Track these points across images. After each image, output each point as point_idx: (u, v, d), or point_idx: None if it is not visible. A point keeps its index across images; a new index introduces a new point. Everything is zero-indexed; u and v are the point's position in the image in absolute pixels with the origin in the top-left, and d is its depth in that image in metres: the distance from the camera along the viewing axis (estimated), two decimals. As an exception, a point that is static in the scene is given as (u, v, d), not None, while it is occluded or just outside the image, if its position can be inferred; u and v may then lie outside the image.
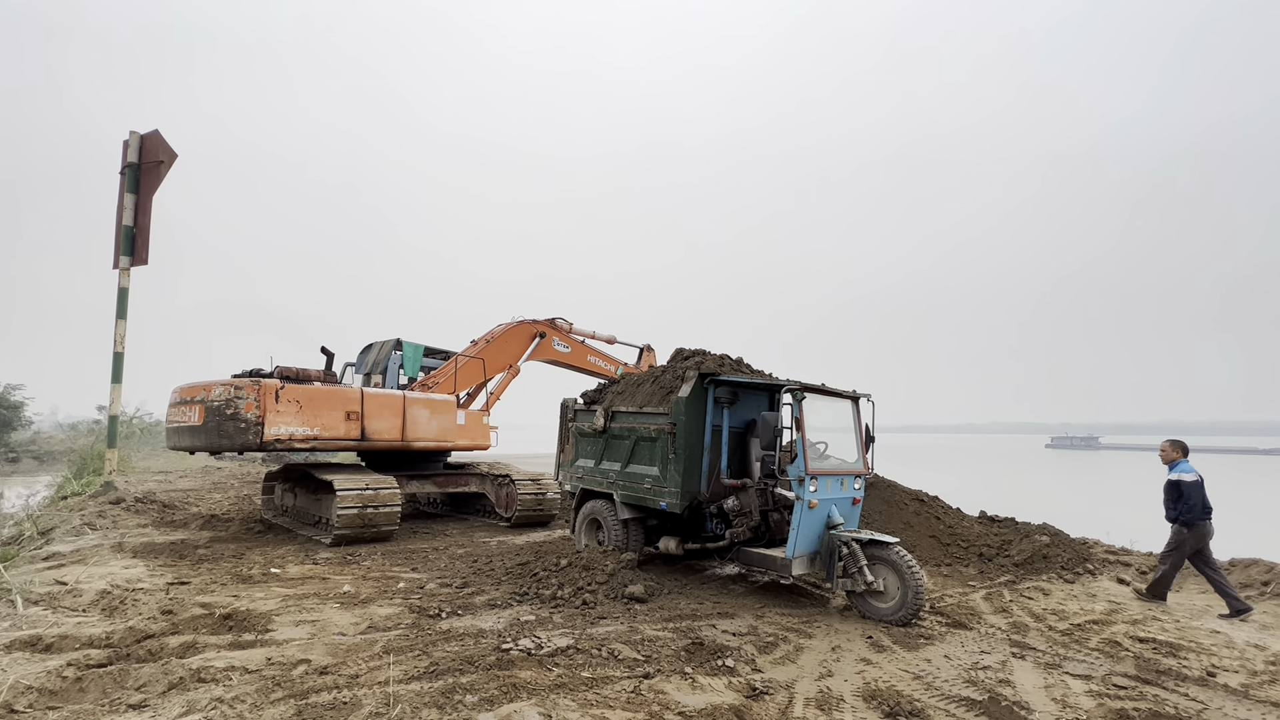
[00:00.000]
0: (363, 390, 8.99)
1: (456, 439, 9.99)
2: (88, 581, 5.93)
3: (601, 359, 12.89)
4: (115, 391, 12.03)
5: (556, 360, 12.48)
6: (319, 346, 9.32)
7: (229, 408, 8.00)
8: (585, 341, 12.77)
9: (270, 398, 8.02)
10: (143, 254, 11.98)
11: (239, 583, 6.24)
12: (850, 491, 6.13)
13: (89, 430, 26.32)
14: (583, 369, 12.70)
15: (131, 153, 12.00)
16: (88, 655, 4.11)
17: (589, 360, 12.73)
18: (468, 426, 10.25)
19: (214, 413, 8.17)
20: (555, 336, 12.31)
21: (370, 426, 8.87)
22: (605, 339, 13.17)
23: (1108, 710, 3.83)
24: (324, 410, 8.51)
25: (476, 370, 11.14)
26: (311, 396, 8.42)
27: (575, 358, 12.65)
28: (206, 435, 8.27)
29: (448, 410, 9.85)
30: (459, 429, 10.00)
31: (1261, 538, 13.28)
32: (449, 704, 3.55)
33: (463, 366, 10.94)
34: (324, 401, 8.52)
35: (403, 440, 9.25)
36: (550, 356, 12.37)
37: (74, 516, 9.55)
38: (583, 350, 12.73)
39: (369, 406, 8.88)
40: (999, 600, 6.28)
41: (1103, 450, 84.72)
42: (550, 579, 6.05)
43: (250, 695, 3.59)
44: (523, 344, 11.93)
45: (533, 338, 12.00)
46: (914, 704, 3.81)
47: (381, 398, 9.17)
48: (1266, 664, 4.74)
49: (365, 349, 11.61)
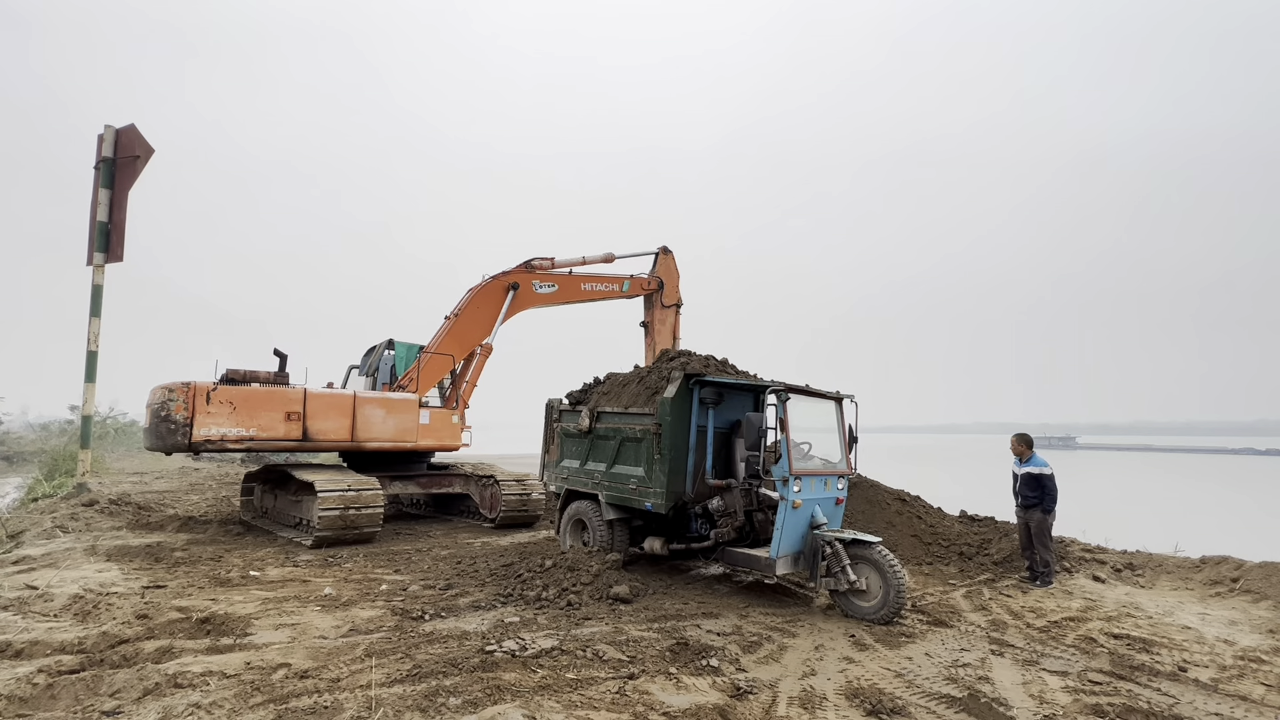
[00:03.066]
0: (305, 390, 9.01)
1: (419, 439, 9.63)
2: (60, 586, 5.80)
3: (599, 282, 11.45)
4: (89, 391, 11.77)
5: (545, 304, 11.20)
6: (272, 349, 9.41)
7: (163, 410, 8.24)
8: (573, 271, 11.31)
9: (201, 400, 8.27)
10: (118, 250, 11.72)
11: (217, 586, 6.13)
12: (834, 491, 6.18)
13: (61, 430, 25.75)
14: (580, 301, 11.43)
15: (106, 147, 11.74)
16: (59, 661, 4.02)
17: (583, 289, 11.35)
18: (433, 426, 9.84)
19: (154, 415, 8.47)
20: (534, 280, 10.96)
21: (314, 427, 8.94)
22: (600, 259, 11.63)
23: (1083, 706, 3.91)
24: (261, 411, 8.64)
25: (444, 360, 10.49)
26: (247, 398, 8.58)
27: (566, 294, 11.26)
28: (149, 436, 8.70)
29: (407, 409, 9.59)
30: (423, 429, 9.66)
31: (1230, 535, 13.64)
32: (432, 707, 3.52)
33: (429, 360, 10.34)
34: (261, 402, 8.66)
35: (353, 440, 9.21)
36: (534, 304, 11.03)
37: (45, 519, 9.32)
38: (573, 282, 11.31)
39: (312, 407, 8.97)
40: (979, 598, 6.37)
41: (1079, 450, 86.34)
42: (535, 580, 6.03)
43: (228, 700, 3.54)
44: (495, 307, 10.67)
45: (505, 294, 10.71)
46: (896, 702, 3.85)
47: (328, 398, 9.17)
48: (1235, 659, 4.86)
49: (369, 351, 11.46)
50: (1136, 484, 35.55)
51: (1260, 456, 72.86)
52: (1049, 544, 6.99)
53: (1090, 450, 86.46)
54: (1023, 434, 7.42)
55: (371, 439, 9.35)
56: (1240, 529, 17.59)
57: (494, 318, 10.74)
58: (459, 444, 10.32)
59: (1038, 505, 6.96)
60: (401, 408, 9.61)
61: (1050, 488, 6.96)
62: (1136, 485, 34.80)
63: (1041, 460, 7.10)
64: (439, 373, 10.59)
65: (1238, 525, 19.01)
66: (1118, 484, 34.94)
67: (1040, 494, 6.97)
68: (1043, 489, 6.97)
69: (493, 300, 10.76)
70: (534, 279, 11.01)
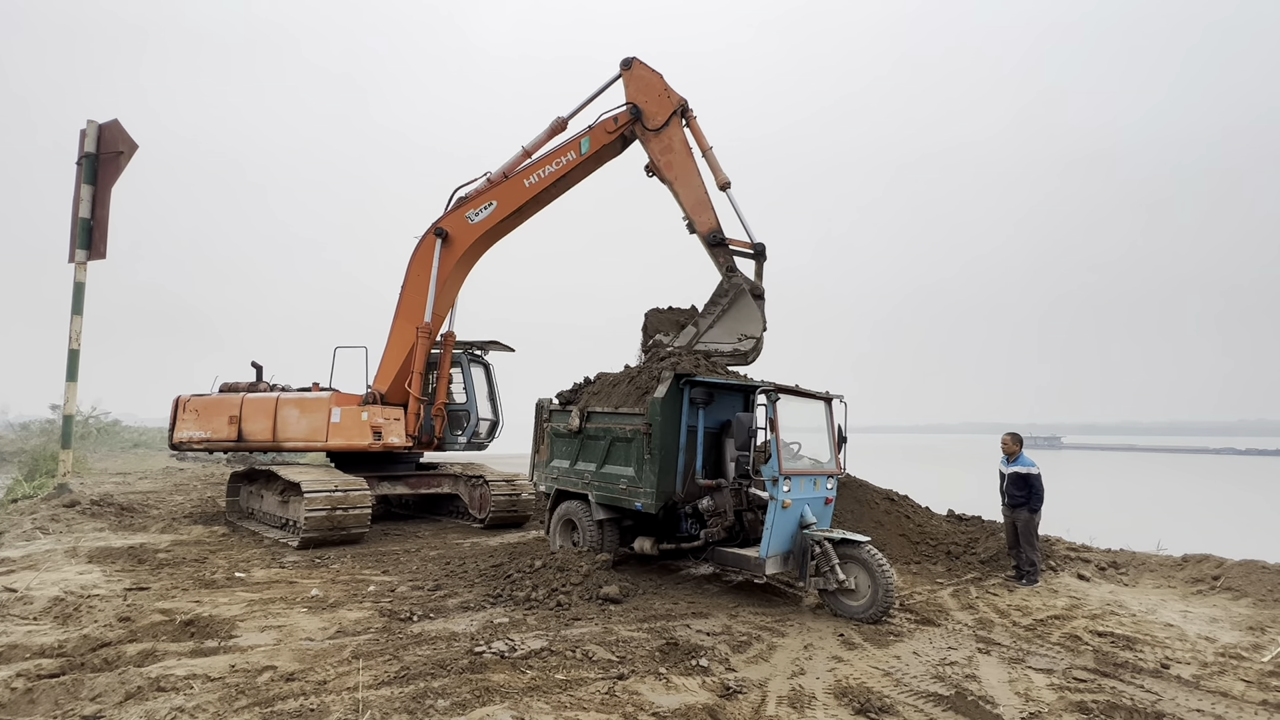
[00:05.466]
0: (244, 396, 9.87)
1: (329, 438, 9.30)
2: (39, 588, 5.70)
3: (545, 163, 8.93)
4: (70, 390, 11.59)
5: (492, 235, 9.33)
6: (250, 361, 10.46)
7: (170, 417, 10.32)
8: (509, 175, 9.09)
9: (181, 409, 10.18)
10: (100, 248, 11.55)
11: (202, 588, 6.06)
12: (823, 491, 6.21)
13: (41, 430, 25.30)
14: (533, 204, 9.16)
15: (89, 143, 11.57)
16: (39, 665, 3.95)
17: (527, 185, 8.94)
18: (342, 424, 9.28)
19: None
20: (465, 213, 9.11)
21: (246, 428, 9.71)
22: (546, 136, 9.06)
23: (1068, 703, 3.95)
24: (214, 416, 9.91)
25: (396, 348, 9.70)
26: (205, 405, 10.06)
27: (507, 203, 9.00)
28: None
29: (318, 409, 9.41)
30: (333, 428, 9.28)
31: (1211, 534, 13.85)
32: (420, 709, 3.50)
33: (386, 354, 9.86)
34: (214, 409, 9.97)
35: (274, 440, 9.59)
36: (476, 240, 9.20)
37: (25, 520, 9.17)
38: (512, 185, 9.01)
39: (246, 410, 9.76)
40: (966, 597, 6.42)
41: (1065, 450, 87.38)
42: (524, 580, 6.00)
43: (212, 704, 3.49)
44: (427, 273, 9.27)
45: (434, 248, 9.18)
46: (884, 700, 3.88)
47: (258, 401, 9.77)
48: (1216, 655, 4.93)
49: None
50: (1120, 483, 36.03)
51: (1240, 456, 74.10)
52: (1035, 543, 7.07)
53: (1075, 450, 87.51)
54: (1014, 433, 7.52)
55: (289, 439, 9.51)
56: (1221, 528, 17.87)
57: (424, 289, 9.33)
58: (366, 442, 9.23)
59: (1024, 504, 7.03)
60: (313, 407, 9.48)
61: (1037, 487, 7.03)
62: (1120, 485, 35.27)
63: (1028, 460, 7.18)
64: (394, 359, 9.82)
65: (1218, 524, 19.31)
66: (1102, 483, 35.40)
67: (1027, 493, 7.04)
68: (1029, 488, 7.04)
69: (427, 263, 9.34)
70: (466, 210, 9.14)
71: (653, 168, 8.46)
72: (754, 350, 7.48)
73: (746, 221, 8.08)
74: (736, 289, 7.70)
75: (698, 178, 8.13)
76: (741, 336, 7.50)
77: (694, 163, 8.19)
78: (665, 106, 8.36)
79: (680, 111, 8.34)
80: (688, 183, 8.13)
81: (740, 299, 7.66)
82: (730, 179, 8.11)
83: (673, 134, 8.31)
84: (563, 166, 8.85)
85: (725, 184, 8.12)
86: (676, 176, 8.21)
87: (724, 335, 7.57)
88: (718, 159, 8.19)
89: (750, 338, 7.48)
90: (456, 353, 10.57)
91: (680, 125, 8.35)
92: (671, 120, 8.30)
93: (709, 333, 7.64)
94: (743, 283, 7.77)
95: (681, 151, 8.24)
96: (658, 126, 8.35)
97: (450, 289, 9.82)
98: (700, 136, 8.30)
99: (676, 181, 8.20)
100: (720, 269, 7.85)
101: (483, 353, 11.20)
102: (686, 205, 8.11)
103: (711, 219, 7.98)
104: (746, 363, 7.50)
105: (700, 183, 8.11)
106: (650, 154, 8.49)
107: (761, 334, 7.52)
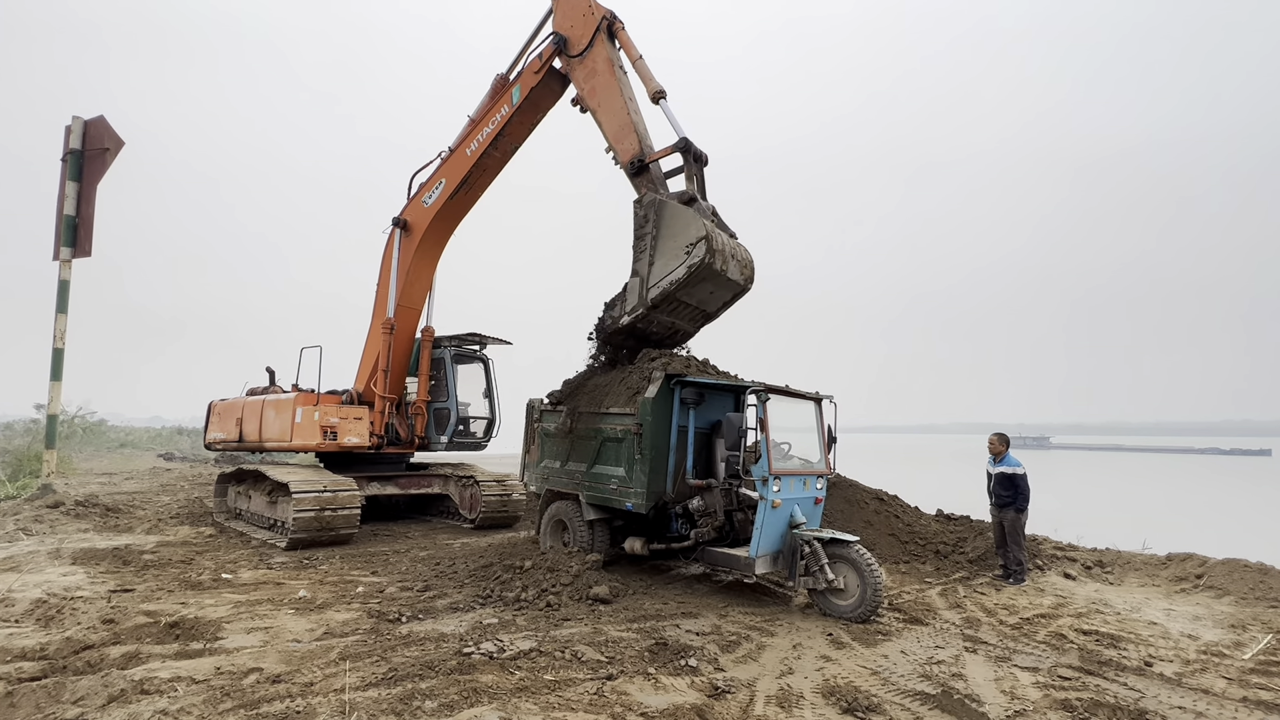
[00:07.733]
0: (244, 401, 10.49)
1: (293, 439, 9.35)
2: (21, 590, 5.63)
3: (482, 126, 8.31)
4: (54, 389, 11.44)
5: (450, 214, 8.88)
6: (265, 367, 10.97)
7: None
8: (453, 150, 8.69)
9: (212, 413, 11.50)
10: (85, 245, 11.42)
11: (187, 589, 6.00)
12: (812, 491, 6.23)
13: (25, 430, 24.97)
14: (481, 173, 8.57)
15: (74, 139, 11.43)
16: (20, 668, 3.90)
17: (467, 154, 8.42)
18: (302, 425, 9.26)
19: None
20: (421, 199, 8.83)
21: (245, 430, 10.33)
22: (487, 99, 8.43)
23: (1053, 700, 3.99)
24: (228, 419, 10.87)
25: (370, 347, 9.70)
26: (223, 410, 11.17)
27: (454, 176, 8.56)
28: None
29: (285, 410, 9.52)
30: (295, 428, 9.32)
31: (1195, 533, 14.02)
32: (407, 710, 3.48)
33: (366, 353, 9.78)
34: (228, 412, 10.95)
35: (259, 440, 10.05)
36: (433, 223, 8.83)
37: (7, 521, 9.04)
38: (454, 161, 8.63)
39: (246, 413, 10.38)
40: (953, 596, 6.47)
41: (1053, 450, 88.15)
42: (514, 581, 5.99)
43: (197, 706, 3.46)
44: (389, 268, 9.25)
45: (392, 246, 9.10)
46: (871, 699, 3.90)
47: (254, 405, 10.20)
48: (1198, 653, 5.00)
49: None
50: (1107, 483, 36.39)
51: (1224, 456, 75.08)
52: (1022, 542, 7.14)
53: (1063, 450, 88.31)
54: (1001, 433, 7.59)
55: (269, 439, 9.82)
56: (1204, 527, 18.09)
57: (385, 285, 9.31)
58: (314, 443, 9.03)
59: (1011, 504, 7.09)
60: (283, 408, 9.58)
61: (1023, 487, 7.10)
62: (1107, 484, 35.63)
63: (1015, 460, 7.24)
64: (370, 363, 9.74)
65: (1202, 523, 19.55)
66: (1089, 483, 35.74)
67: (1014, 493, 7.11)
68: (1016, 488, 7.10)
69: (390, 257, 9.30)
70: (421, 195, 8.83)
71: (579, 99, 7.50)
72: (709, 251, 6.14)
73: (679, 124, 6.72)
74: (650, 206, 6.49)
75: (620, 99, 7.05)
76: (687, 248, 6.24)
77: (618, 82, 7.13)
78: (589, 25, 7.33)
79: (606, 26, 7.27)
80: (610, 106, 7.11)
81: (662, 213, 6.43)
82: (665, 88, 6.94)
83: (596, 54, 7.30)
84: (498, 124, 8.12)
85: (658, 93, 6.92)
86: (600, 104, 7.20)
87: (669, 262, 6.38)
88: (649, 68, 7.08)
89: (694, 243, 6.21)
90: (440, 351, 10.26)
91: (605, 43, 7.29)
92: (595, 39, 7.27)
93: (652, 270, 6.48)
94: (656, 195, 6.56)
95: (605, 72, 7.22)
96: (581, 50, 7.34)
97: (419, 280, 9.51)
98: (629, 46, 7.25)
99: (599, 110, 7.20)
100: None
101: (480, 348, 10.83)
102: (609, 134, 7.10)
103: (633, 145, 6.80)
104: (716, 270, 6.30)
105: (624, 104, 7.01)
106: (576, 85, 7.55)
107: (708, 231, 6.20)
